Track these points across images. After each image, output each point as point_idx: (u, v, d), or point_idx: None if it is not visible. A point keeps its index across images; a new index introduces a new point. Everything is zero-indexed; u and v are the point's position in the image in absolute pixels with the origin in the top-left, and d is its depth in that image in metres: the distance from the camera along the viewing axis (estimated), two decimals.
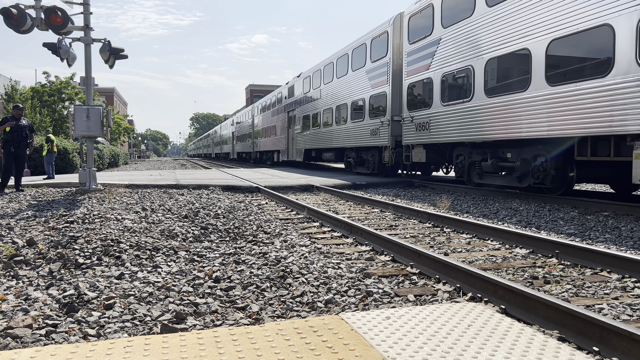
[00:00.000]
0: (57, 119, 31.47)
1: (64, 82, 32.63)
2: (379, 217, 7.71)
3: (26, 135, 10.84)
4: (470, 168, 11.23)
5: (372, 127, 15.04)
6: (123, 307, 3.15)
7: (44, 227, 6.06)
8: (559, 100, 8.17)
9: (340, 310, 3.16)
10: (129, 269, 4.10)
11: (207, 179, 14.48)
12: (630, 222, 6.72)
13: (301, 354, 2.25)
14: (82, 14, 10.69)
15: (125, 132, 52.44)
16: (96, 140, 14.63)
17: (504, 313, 3.04)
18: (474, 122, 10.39)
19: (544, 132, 8.51)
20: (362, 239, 5.48)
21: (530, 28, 8.84)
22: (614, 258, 4.10)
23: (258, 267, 4.23)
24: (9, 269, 4.08)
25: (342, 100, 17.45)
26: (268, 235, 5.83)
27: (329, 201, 10.11)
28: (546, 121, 8.45)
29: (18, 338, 2.63)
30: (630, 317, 3.05)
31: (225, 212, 7.66)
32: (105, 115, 10.68)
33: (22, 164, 11.03)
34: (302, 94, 22.57)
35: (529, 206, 8.58)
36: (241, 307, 3.22)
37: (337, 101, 18.04)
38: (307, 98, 21.78)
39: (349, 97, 16.92)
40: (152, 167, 32.05)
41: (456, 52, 10.96)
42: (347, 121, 17.06)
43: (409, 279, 3.97)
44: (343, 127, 17.46)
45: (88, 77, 10.83)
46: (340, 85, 17.71)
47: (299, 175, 16.39)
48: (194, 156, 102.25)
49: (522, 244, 5.12)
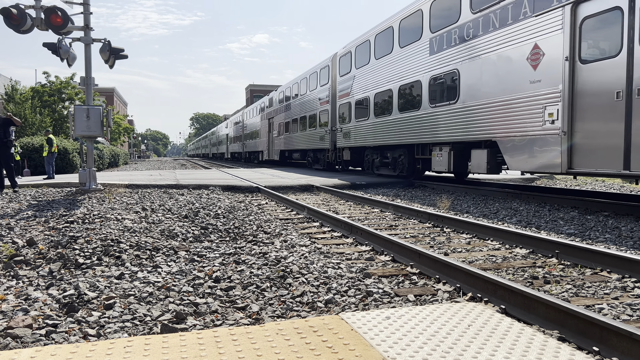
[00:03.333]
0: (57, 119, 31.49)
1: (64, 82, 32.67)
2: (379, 217, 7.71)
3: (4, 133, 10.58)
4: (372, 163, 16.33)
5: (321, 135, 20.12)
6: (123, 307, 3.15)
7: (44, 227, 6.06)
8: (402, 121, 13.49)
9: (340, 310, 3.16)
10: (129, 269, 4.10)
11: (207, 179, 14.48)
12: (630, 222, 6.72)
13: (301, 354, 2.25)
14: (82, 14, 10.69)
15: (125, 132, 52.45)
16: (96, 140, 14.63)
17: (504, 313, 3.04)
18: (371, 133, 15.45)
19: (400, 141, 13.61)
20: (362, 239, 5.48)
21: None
22: (614, 258, 4.10)
23: (258, 267, 4.23)
24: (9, 269, 4.08)
25: (304, 113, 22.49)
26: (268, 235, 5.83)
27: (329, 201, 10.11)
28: (399, 134, 13.61)
29: (18, 338, 2.63)
30: (630, 317, 3.05)
31: (225, 212, 7.66)
32: (105, 115, 10.68)
33: (6, 163, 10.80)
34: (278, 104, 27.66)
35: (529, 206, 8.58)
36: (241, 307, 3.22)
37: (301, 113, 23.09)
38: (281, 108, 26.84)
39: (308, 111, 21.84)
40: (152, 167, 32.05)
41: (362, 87, 16.16)
42: (306, 129, 22.18)
43: (409, 279, 3.97)
44: (304, 133, 22.49)
45: (88, 77, 10.83)
46: (303, 101, 22.81)
47: (299, 175, 16.41)
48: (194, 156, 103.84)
49: (522, 244, 5.12)
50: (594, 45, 7.56)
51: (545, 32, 8.25)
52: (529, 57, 8.61)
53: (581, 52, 7.67)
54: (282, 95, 26.60)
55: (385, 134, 14.33)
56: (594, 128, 7.47)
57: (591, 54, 7.57)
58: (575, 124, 7.80)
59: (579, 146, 7.75)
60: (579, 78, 7.71)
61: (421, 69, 12.32)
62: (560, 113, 7.92)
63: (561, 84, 7.91)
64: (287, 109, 25.43)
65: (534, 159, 8.60)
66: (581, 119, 7.69)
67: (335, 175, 16.66)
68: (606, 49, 7.31)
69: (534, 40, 8.49)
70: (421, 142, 12.39)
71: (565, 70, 7.85)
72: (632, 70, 6.82)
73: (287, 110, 25.43)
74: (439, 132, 11.58)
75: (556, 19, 8.02)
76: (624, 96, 6.93)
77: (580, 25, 7.69)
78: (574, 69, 7.79)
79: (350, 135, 17.02)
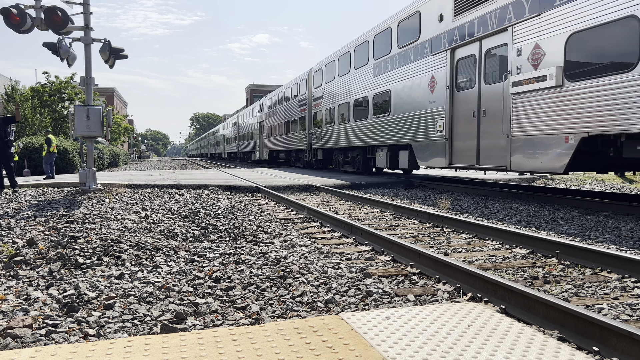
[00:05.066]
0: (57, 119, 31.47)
1: (64, 82, 32.64)
2: (379, 217, 7.71)
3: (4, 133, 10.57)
4: (339, 162, 19.28)
5: (300, 137, 23.22)
6: (123, 307, 3.15)
7: (44, 227, 6.06)
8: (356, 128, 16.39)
9: (340, 310, 3.16)
10: (129, 269, 4.10)
11: (207, 179, 14.48)
12: (630, 222, 6.72)
13: (301, 354, 2.25)
14: (82, 13, 10.69)
15: (125, 132, 52.43)
16: (96, 140, 14.63)
17: (504, 313, 3.04)
18: (336, 137, 18.40)
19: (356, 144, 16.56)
20: (362, 239, 5.48)
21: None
22: (614, 258, 4.09)
23: (258, 267, 4.23)
24: (9, 269, 4.08)
25: (288, 118, 25.62)
26: (268, 235, 5.83)
27: (328, 201, 10.11)
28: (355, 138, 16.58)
29: (18, 338, 2.63)
30: (630, 317, 3.05)
31: (225, 212, 7.66)
32: (105, 115, 10.68)
33: (6, 163, 10.79)
34: (267, 109, 30.66)
35: (529, 206, 8.58)
36: (241, 307, 3.22)
37: (285, 118, 26.08)
38: (270, 113, 29.79)
39: (291, 117, 24.89)
40: (152, 167, 32.05)
41: (329, 98, 19.11)
42: (289, 132, 25.16)
43: (409, 278, 3.97)
44: (288, 136, 25.58)
45: (88, 77, 10.82)
46: (287, 108, 25.76)
47: (299, 175, 16.41)
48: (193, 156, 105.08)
49: (522, 244, 5.12)
50: (463, 79, 10.57)
51: (437, 67, 11.34)
52: (429, 84, 11.75)
53: (456, 83, 10.74)
54: (271, 101, 29.73)
55: (346, 138, 17.47)
56: (463, 137, 10.54)
57: (462, 85, 10.59)
58: (453, 133, 10.88)
59: (454, 148, 10.86)
60: (455, 101, 10.79)
61: (368, 87, 15.35)
62: (445, 125, 10.99)
63: (445, 105, 10.99)
64: (274, 114, 28.51)
65: (431, 158, 11.71)
66: (455, 130, 10.79)
67: (335, 175, 16.70)
68: (469, 82, 10.33)
69: (431, 72, 11.60)
70: (369, 144, 15.54)
71: (447, 95, 10.93)
72: (480, 98, 9.92)
73: (274, 115, 28.56)
74: (379, 137, 14.62)
75: (442, 58, 11.09)
76: (477, 115, 9.99)
77: (456, 64, 10.72)
78: (452, 94, 10.86)
79: (322, 138, 20.12)
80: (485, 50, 9.73)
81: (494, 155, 9.49)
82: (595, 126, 7.22)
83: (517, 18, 8.73)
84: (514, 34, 8.81)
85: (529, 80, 8.44)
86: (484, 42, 9.73)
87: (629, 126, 6.74)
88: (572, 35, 7.61)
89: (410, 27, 12.56)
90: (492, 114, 9.51)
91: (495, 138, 9.40)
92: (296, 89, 23.93)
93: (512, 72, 8.82)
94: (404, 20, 12.93)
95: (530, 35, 8.46)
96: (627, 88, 6.77)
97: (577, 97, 7.56)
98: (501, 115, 9.18)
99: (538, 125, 8.31)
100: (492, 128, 9.51)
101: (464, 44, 10.31)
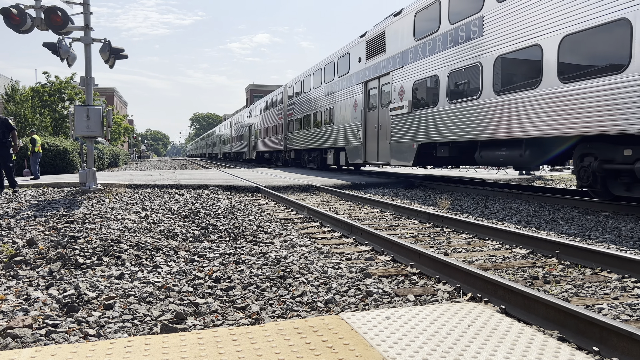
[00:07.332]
0: (57, 119, 31.46)
1: (64, 82, 32.62)
2: (379, 217, 7.71)
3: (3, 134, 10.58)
4: (305, 161, 23.58)
5: (279, 140, 27.86)
6: (123, 307, 3.15)
7: (44, 227, 6.06)
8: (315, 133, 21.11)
9: (340, 310, 3.16)
10: (129, 269, 4.10)
11: (207, 179, 14.48)
12: (630, 222, 6.72)
13: (301, 354, 2.25)
14: (82, 13, 10.69)
15: (125, 132, 52.41)
16: (96, 140, 14.62)
17: (504, 313, 3.04)
18: (304, 140, 22.84)
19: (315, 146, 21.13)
20: (362, 239, 5.48)
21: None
22: (614, 258, 4.09)
23: (258, 267, 4.23)
24: (9, 269, 4.08)
25: (269, 124, 30.39)
26: (268, 235, 5.82)
27: (329, 201, 10.11)
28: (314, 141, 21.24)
29: (18, 338, 2.63)
30: (630, 317, 3.05)
31: (225, 212, 7.66)
32: (105, 115, 10.68)
33: (5, 164, 10.79)
34: (254, 116, 36.10)
35: (529, 206, 8.59)
36: (241, 307, 3.22)
37: (267, 123, 31.00)
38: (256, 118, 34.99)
39: (273, 122, 29.50)
40: (152, 167, 32.05)
41: (299, 110, 23.69)
42: (270, 136, 30.22)
43: (409, 279, 3.97)
44: (269, 139, 30.54)
45: (88, 77, 10.82)
46: (270, 115, 30.48)
47: (299, 176, 16.42)
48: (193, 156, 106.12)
49: (522, 244, 5.12)
50: (371, 103, 15.72)
51: (358, 93, 16.59)
52: (354, 105, 16.91)
53: (368, 105, 15.92)
54: (258, 109, 34.94)
55: (309, 141, 22.15)
56: (371, 143, 15.69)
57: (370, 107, 15.78)
58: (365, 140, 16.09)
59: (367, 150, 16.03)
60: (367, 118, 16.01)
61: (322, 103, 20.29)
62: (362, 134, 16.18)
63: (361, 120, 16.23)
64: (260, 119, 33.65)
65: (356, 158, 16.77)
66: (366, 137, 16.03)
67: (335, 175, 16.74)
68: (374, 105, 15.51)
69: (354, 97, 16.87)
70: (323, 147, 20.37)
71: (363, 114, 16.18)
72: (379, 117, 15.08)
73: (260, 120, 33.75)
74: (329, 141, 19.55)
75: (360, 88, 16.34)
76: (377, 128, 15.18)
77: (368, 92, 15.93)
78: (365, 113, 16.09)
79: (294, 141, 24.80)
80: (381, 85, 14.91)
81: (385, 155, 14.52)
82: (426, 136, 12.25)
83: (394, 66, 13.93)
84: (393, 77, 13.99)
85: (397, 107, 13.57)
86: (381, 79, 14.96)
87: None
88: (416, 82, 12.72)
89: (344, 62, 17.83)
90: (384, 128, 14.63)
91: (386, 143, 14.50)
92: (276, 100, 29.09)
93: (392, 101, 13.98)
94: (340, 57, 18.18)
95: (399, 79, 13.63)
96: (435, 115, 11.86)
97: (417, 120, 12.65)
98: (388, 129, 14.30)
99: (400, 136, 13.53)
100: (384, 137, 14.65)
101: (371, 79, 15.56)
